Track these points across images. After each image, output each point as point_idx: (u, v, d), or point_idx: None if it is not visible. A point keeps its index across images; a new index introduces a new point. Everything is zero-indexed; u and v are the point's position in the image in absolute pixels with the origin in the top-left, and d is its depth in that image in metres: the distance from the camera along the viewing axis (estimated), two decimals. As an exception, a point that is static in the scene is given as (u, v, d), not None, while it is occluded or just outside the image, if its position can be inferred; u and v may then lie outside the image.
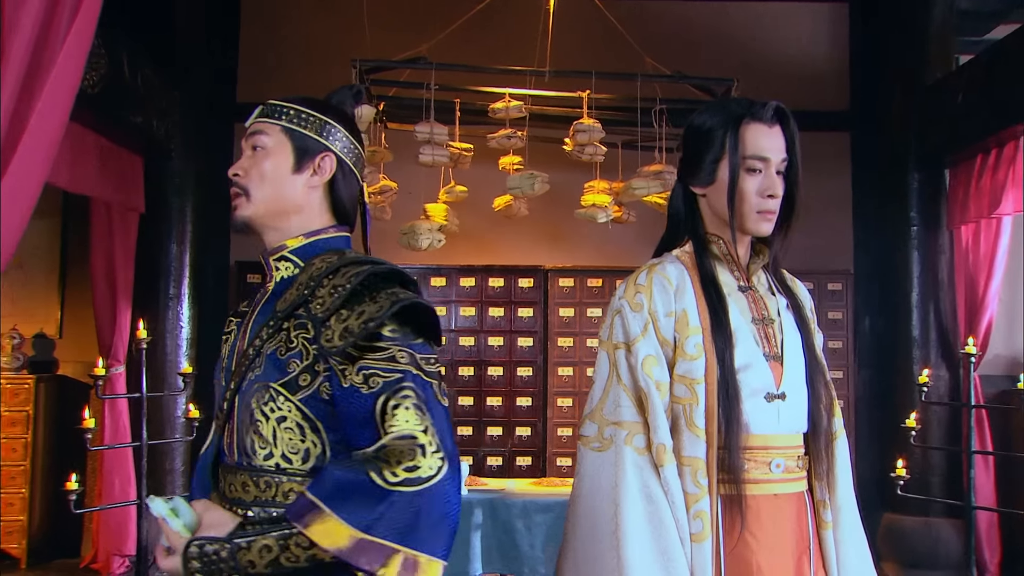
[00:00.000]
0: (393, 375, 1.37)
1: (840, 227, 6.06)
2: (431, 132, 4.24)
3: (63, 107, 2.78)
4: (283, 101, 1.60)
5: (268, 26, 6.08)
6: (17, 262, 5.86)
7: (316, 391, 1.42)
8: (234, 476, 1.48)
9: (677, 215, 1.87)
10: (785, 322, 1.83)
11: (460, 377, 5.64)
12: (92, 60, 4.42)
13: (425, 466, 1.29)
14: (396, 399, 1.34)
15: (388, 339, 1.39)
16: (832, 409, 1.87)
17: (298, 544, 1.27)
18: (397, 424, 1.33)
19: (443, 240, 4.43)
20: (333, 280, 1.46)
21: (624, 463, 1.68)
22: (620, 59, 4.90)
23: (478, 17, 4.77)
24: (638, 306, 1.74)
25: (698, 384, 1.70)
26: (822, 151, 6.04)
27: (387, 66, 4.34)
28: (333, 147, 1.59)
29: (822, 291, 5.70)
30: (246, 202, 1.56)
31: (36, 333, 5.93)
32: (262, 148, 1.57)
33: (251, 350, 1.50)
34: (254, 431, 1.45)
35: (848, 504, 1.83)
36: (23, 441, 5.49)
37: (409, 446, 1.30)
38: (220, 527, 1.33)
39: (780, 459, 1.74)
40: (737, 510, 1.68)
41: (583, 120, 4.42)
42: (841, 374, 5.64)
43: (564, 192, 5.02)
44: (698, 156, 1.80)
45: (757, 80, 5.48)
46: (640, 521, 1.64)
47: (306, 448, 1.43)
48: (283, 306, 1.50)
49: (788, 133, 1.78)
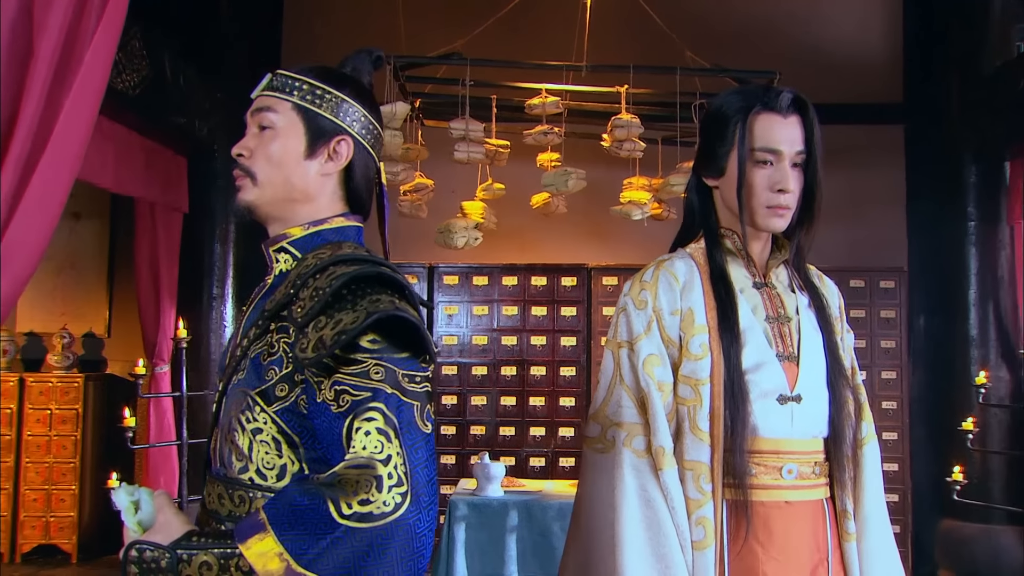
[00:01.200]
0: (362, 393, 1.21)
1: (893, 222, 5.86)
2: (466, 129, 4.20)
3: (91, 105, 2.80)
4: (295, 73, 1.42)
5: (309, 24, 6.09)
6: (69, 263, 5.98)
7: (294, 403, 1.27)
8: (213, 486, 1.37)
9: (691, 208, 1.79)
10: (804, 321, 1.73)
11: (503, 377, 5.59)
12: (134, 62, 4.48)
13: (379, 500, 1.14)
14: (359, 421, 1.19)
15: (366, 351, 1.23)
16: (860, 413, 1.76)
17: (239, 567, 1.14)
18: (354, 449, 1.18)
19: (479, 238, 4.38)
20: (316, 281, 1.30)
21: (623, 465, 1.60)
22: (659, 53, 4.80)
23: (514, 12, 4.71)
24: (642, 303, 1.67)
25: (703, 385, 1.62)
26: (874, 144, 5.86)
27: (421, 62, 4.30)
28: (351, 129, 1.43)
29: (874, 288, 5.53)
30: (251, 186, 1.41)
31: (85, 332, 6.04)
32: (270, 127, 1.41)
33: (239, 351, 1.37)
34: (231, 440, 1.33)
35: (876, 515, 1.73)
36: (72, 439, 5.59)
37: (364, 476, 1.15)
38: (167, 532, 1.21)
39: (792, 464, 1.65)
40: (743, 516, 1.59)
41: (621, 115, 4.33)
42: (895, 374, 5.46)
43: (604, 189, 4.93)
44: (710, 146, 1.71)
45: (803, 72, 5.33)
46: (637, 526, 1.57)
47: (282, 464, 1.30)
48: (271, 305, 1.35)
49: (807, 124, 1.68)
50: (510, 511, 3.92)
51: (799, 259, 1.77)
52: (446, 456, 5.50)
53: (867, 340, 5.47)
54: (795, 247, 1.75)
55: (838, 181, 5.78)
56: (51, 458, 5.57)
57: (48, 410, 5.60)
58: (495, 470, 4.05)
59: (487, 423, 5.55)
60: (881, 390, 5.44)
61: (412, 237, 5.29)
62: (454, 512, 3.93)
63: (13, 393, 5.59)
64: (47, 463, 5.57)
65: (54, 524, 5.52)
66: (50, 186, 2.71)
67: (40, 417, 5.60)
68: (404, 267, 5.60)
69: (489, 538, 3.92)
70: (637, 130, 4.32)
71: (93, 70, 2.76)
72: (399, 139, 4.15)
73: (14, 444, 5.57)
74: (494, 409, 5.55)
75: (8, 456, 5.55)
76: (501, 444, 5.49)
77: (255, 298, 1.46)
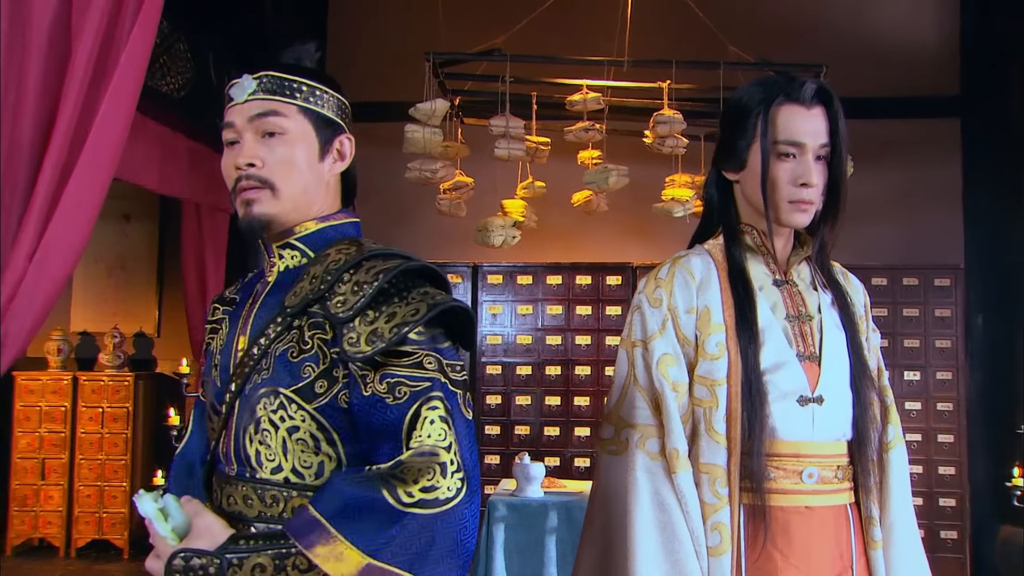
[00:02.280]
0: (421, 384, 1.22)
1: (948, 218, 5.67)
2: (506, 126, 4.16)
3: (127, 108, 2.83)
4: (284, 73, 1.38)
5: (355, 24, 6.11)
6: (120, 264, 6.09)
7: (334, 399, 1.26)
8: (234, 488, 1.33)
9: (711, 203, 1.72)
10: (826, 319, 1.66)
11: (547, 376, 5.54)
12: (178, 65, 4.54)
13: (444, 487, 1.16)
14: (424, 410, 1.21)
15: (415, 343, 1.24)
16: (886, 416, 1.69)
17: (296, 566, 1.14)
18: (420, 438, 1.19)
19: (517, 237, 4.35)
20: (355, 276, 1.29)
21: (635, 468, 1.55)
22: (702, 47, 4.70)
23: (555, 8, 4.66)
24: (657, 301, 1.61)
25: (719, 386, 1.56)
26: (928, 139, 5.69)
27: (460, 59, 4.28)
28: (345, 124, 1.43)
29: (928, 287, 5.36)
30: (271, 198, 1.36)
31: (136, 332, 6.15)
32: (281, 133, 1.36)
33: (255, 349, 1.33)
34: (260, 441, 1.30)
35: (903, 522, 1.65)
36: (124, 436, 5.70)
37: (429, 463, 1.17)
38: (210, 537, 1.19)
39: (814, 468, 1.58)
40: (760, 521, 1.53)
41: (663, 111, 4.26)
42: (950, 375, 5.29)
43: (647, 186, 4.85)
44: (731, 138, 1.65)
45: (853, 64, 5.20)
46: (650, 530, 1.52)
47: (320, 461, 1.28)
48: (294, 301, 1.32)
49: (831, 115, 1.61)
50: (550, 512, 3.88)
51: (822, 255, 1.71)
52: (490, 456, 5.48)
53: (921, 340, 5.31)
54: (818, 243, 1.68)
55: (890, 177, 5.64)
56: (103, 455, 5.68)
57: (100, 408, 5.71)
58: (535, 470, 4.02)
59: (531, 423, 5.51)
60: (936, 391, 5.28)
61: (456, 236, 5.28)
62: (493, 513, 3.90)
63: (67, 391, 5.73)
64: (99, 460, 5.68)
65: (107, 520, 5.63)
66: (87, 187, 2.75)
67: (93, 415, 5.72)
68: (448, 266, 5.59)
69: (528, 539, 3.88)
70: (680, 126, 4.25)
71: (128, 73, 2.79)
72: (438, 136, 4.13)
73: (68, 441, 5.70)
74: (539, 409, 5.51)
75: (63, 453, 5.68)
76: (545, 444, 5.44)
77: (258, 295, 1.42)
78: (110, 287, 6.12)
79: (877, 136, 5.53)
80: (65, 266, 2.80)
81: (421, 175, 4.16)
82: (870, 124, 5.41)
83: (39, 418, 5.69)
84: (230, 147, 1.40)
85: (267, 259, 1.44)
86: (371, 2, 6.11)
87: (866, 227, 5.18)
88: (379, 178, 5.12)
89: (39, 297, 2.70)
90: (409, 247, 5.25)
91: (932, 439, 5.24)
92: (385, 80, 5.52)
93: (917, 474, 5.18)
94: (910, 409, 5.25)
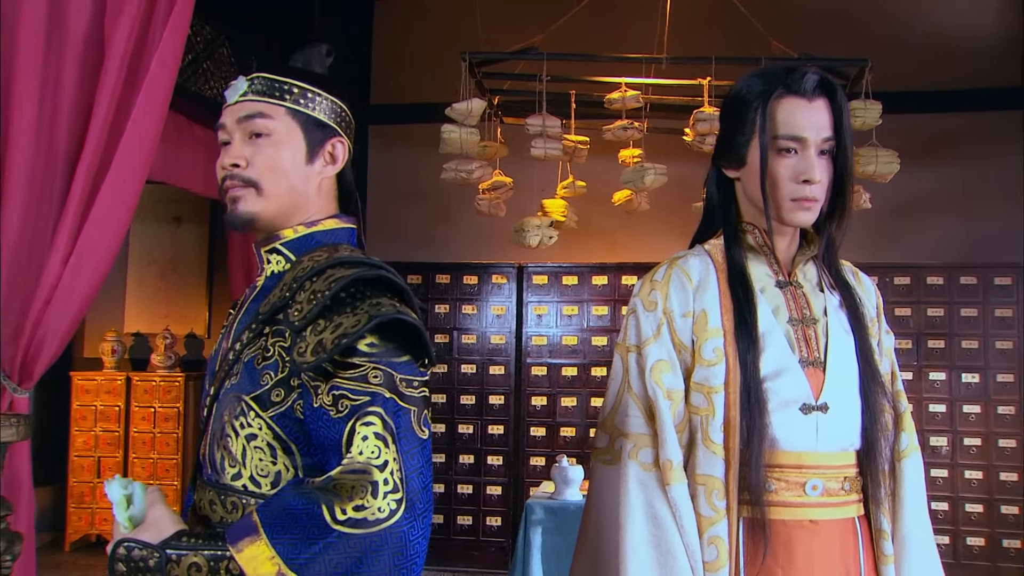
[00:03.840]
0: (361, 398, 1.19)
1: (1009, 215, 5.45)
2: (543, 125, 4.12)
3: (159, 112, 2.85)
4: (275, 75, 1.39)
5: (401, 26, 6.12)
6: (171, 266, 6.20)
7: (290, 408, 1.24)
8: (204, 492, 1.34)
9: (711, 201, 1.65)
10: (832, 323, 1.57)
11: (593, 378, 5.49)
12: (222, 69, 4.59)
13: (374, 507, 1.12)
14: (358, 426, 1.17)
15: (365, 355, 1.21)
16: (900, 423, 1.60)
17: (228, 570, 1.12)
18: (351, 454, 1.16)
19: (554, 237, 4.30)
20: (314, 284, 1.27)
21: (628, 479, 1.49)
22: (744, 42, 4.60)
23: (594, 5, 4.60)
24: (652, 305, 1.55)
25: (716, 393, 1.48)
26: (988, 132, 5.48)
27: (496, 58, 4.24)
28: (340, 128, 1.42)
29: (988, 286, 5.16)
30: (256, 197, 1.36)
31: (187, 333, 6.26)
32: (267, 134, 1.36)
33: (231, 355, 1.34)
34: (223, 447, 1.30)
35: (917, 535, 1.56)
36: (175, 436, 5.81)
37: (360, 482, 1.13)
38: (156, 530, 1.18)
39: (818, 480, 1.50)
40: (760, 535, 1.45)
41: (704, 108, 4.17)
42: (1012, 377, 5.08)
43: (689, 184, 4.75)
44: (729, 134, 1.58)
45: (910, 57, 5.03)
46: (643, 545, 1.45)
47: (277, 471, 1.26)
48: (265, 308, 1.32)
49: (835, 108, 1.52)
50: (586, 516, 3.83)
51: (830, 254, 1.62)
52: (535, 458, 5.45)
53: (980, 341, 5.12)
54: (825, 241, 1.60)
55: (948, 172, 5.46)
56: (155, 454, 5.80)
57: (152, 408, 5.83)
58: (573, 473, 3.97)
59: (577, 424, 5.46)
60: (997, 394, 5.08)
61: (501, 236, 5.25)
62: (530, 516, 3.87)
63: (121, 391, 5.85)
64: (152, 459, 5.80)
65: (160, 517, 5.73)
66: (120, 191, 2.78)
67: (145, 415, 5.84)
68: (492, 267, 5.57)
69: (566, 543, 3.83)
70: (720, 123, 4.14)
71: (159, 77, 2.81)
72: (475, 136, 4.11)
73: (122, 440, 5.82)
74: (584, 411, 5.45)
75: (117, 451, 5.81)
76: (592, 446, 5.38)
77: (246, 300, 1.43)
78: (162, 289, 6.24)
79: (934, 130, 5.36)
80: (100, 269, 2.83)
81: (457, 175, 4.14)
82: (926, 118, 5.25)
83: (94, 417, 5.83)
84: (223, 147, 1.41)
85: (259, 264, 1.44)
86: (417, 4, 6.11)
87: (922, 224, 5.02)
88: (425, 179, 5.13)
89: (75, 300, 2.73)
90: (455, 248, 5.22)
91: (993, 444, 5.05)
92: (431, 81, 5.52)
93: (977, 480, 5.00)
94: (968, 413, 5.07)
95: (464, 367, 5.57)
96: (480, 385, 5.55)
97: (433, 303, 5.60)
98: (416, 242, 5.79)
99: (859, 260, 5.32)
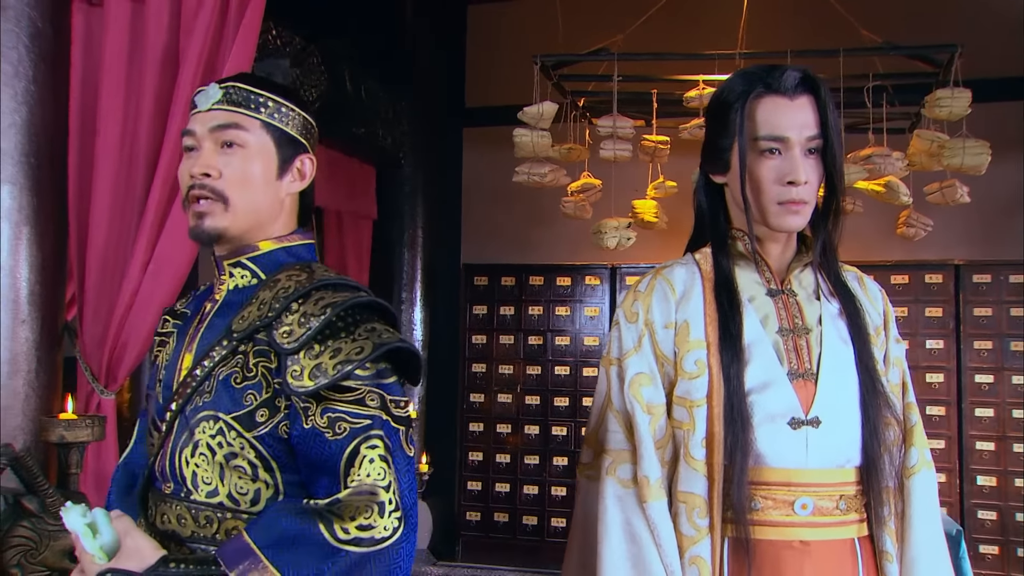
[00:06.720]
0: (361, 421, 1.21)
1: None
2: (614, 126, 4.06)
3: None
4: (251, 86, 1.37)
5: (492, 30, 6.13)
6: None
7: (275, 428, 1.25)
8: (168, 507, 1.32)
9: (700, 209, 1.60)
10: (828, 332, 1.49)
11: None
12: (312, 77, 4.71)
13: (381, 526, 1.16)
14: (363, 448, 1.20)
15: (359, 379, 1.23)
16: (909, 438, 1.51)
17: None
18: (359, 477, 1.18)
19: (632, 238, 4.23)
20: (303, 306, 1.27)
21: (606, 495, 1.45)
22: (832, 32, 4.39)
23: (673, 3, 4.50)
24: (633, 316, 1.51)
25: (697, 407, 1.43)
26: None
27: (569, 60, 4.21)
28: (308, 144, 1.41)
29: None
30: (223, 211, 1.34)
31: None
32: (240, 146, 1.34)
33: (199, 370, 1.32)
34: (196, 464, 1.28)
35: (927, 557, 1.47)
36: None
37: (367, 502, 1.16)
38: (139, 559, 1.16)
39: (808, 498, 1.42)
40: (743, 557, 1.39)
41: (785, 103, 4.01)
42: None
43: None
44: (713, 138, 1.53)
45: (1004, 43, 4.70)
46: (621, 563, 1.41)
47: (257, 488, 1.26)
48: (242, 325, 1.31)
49: (819, 105, 1.45)
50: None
51: (828, 259, 1.54)
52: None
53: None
54: (820, 245, 1.52)
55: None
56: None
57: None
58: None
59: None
60: None
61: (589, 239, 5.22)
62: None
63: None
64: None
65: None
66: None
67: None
68: (585, 268, 5.54)
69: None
70: (802, 118, 3.98)
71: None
72: (546, 139, 4.09)
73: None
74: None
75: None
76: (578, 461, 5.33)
77: (206, 314, 1.41)
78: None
79: (1022, 118, 4.98)
80: (177, 275, 2.94)
81: (530, 179, 4.14)
82: (1014, 106, 4.87)
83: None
84: (188, 153, 1.38)
85: (217, 276, 1.42)
86: (507, 6, 6.13)
87: (1004, 219, 4.67)
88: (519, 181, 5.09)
89: (154, 305, 2.84)
90: (548, 249, 5.19)
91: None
92: (522, 83, 5.52)
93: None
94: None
95: (558, 369, 5.55)
96: (574, 387, 5.52)
97: (527, 305, 5.61)
98: (509, 244, 5.81)
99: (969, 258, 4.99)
